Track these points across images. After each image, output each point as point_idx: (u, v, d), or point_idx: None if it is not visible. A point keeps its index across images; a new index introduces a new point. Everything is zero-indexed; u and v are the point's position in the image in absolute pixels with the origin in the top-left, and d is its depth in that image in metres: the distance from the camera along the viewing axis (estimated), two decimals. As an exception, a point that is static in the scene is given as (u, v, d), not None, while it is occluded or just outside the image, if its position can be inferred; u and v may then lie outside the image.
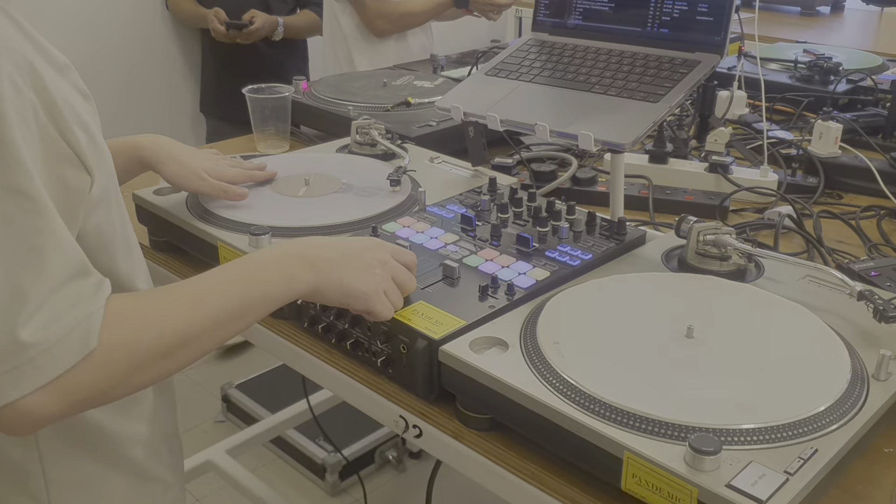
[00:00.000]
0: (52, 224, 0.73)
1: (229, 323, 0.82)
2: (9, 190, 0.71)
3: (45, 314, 0.71)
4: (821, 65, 1.99)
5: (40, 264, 0.72)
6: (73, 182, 0.79)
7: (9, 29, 0.78)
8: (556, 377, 0.80)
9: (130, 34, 3.05)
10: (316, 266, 0.87)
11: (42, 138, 0.75)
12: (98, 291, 0.76)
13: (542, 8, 1.37)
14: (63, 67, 0.85)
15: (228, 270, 0.86)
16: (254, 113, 1.68)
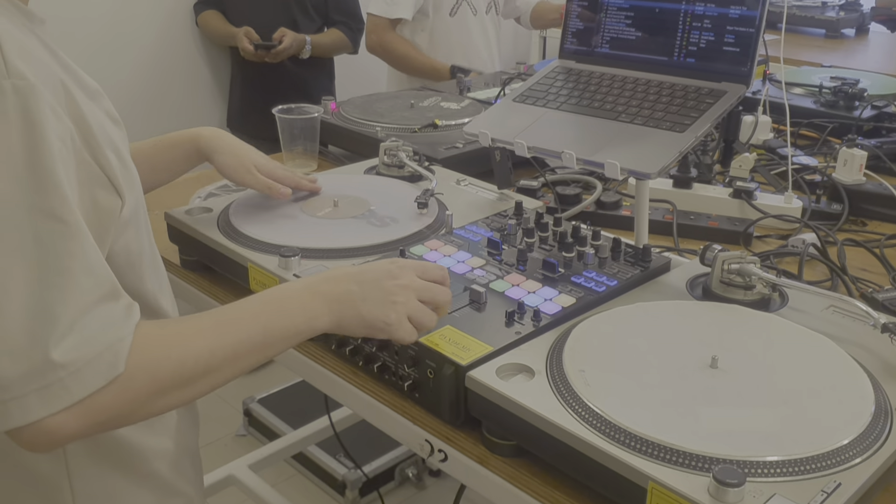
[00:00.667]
0: (84, 247, 0.76)
1: (250, 355, 0.84)
2: (44, 213, 0.73)
3: (77, 335, 0.73)
4: (846, 90, 1.99)
5: (71, 286, 0.74)
6: (105, 204, 0.82)
7: (45, 55, 0.81)
8: (582, 405, 0.81)
9: (161, 51, 3.10)
10: (336, 302, 0.88)
11: (77, 162, 0.78)
12: (129, 316, 0.78)
13: (570, 36, 1.39)
14: (95, 93, 0.88)
15: (252, 304, 0.88)
16: (283, 132, 1.71)
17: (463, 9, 2.70)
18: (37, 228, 0.73)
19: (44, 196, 0.73)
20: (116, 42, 2.96)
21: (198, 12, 3.08)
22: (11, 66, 0.73)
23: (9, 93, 0.72)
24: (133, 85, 3.03)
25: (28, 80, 0.73)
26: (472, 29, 2.72)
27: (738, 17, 1.18)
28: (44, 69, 0.77)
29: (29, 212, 0.72)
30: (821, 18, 3.28)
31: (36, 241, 0.73)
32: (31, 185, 0.72)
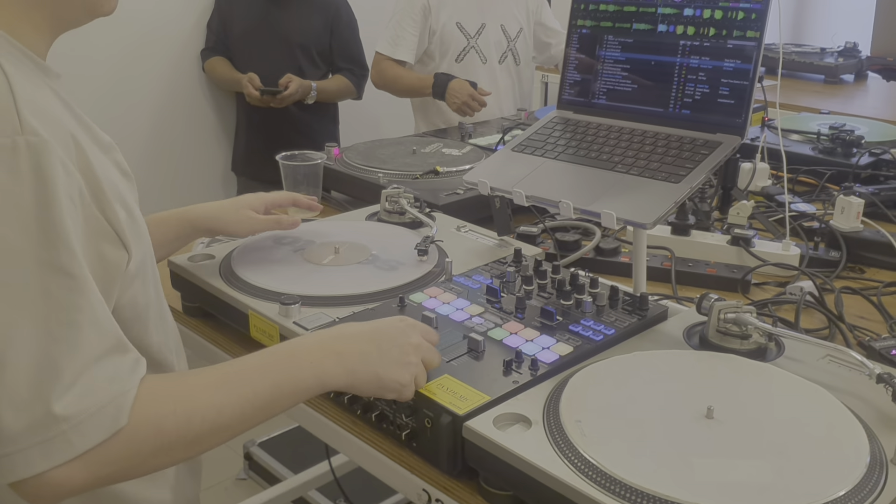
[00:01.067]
0: (91, 301, 0.77)
1: (258, 413, 0.84)
2: (52, 267, 0.74)
3: (80, 388, 0.74)
4: (843, 137, 2.02)
5: (77, 339, 0.75)
6: (111, 258, 0.83)
7: (58, 108, 0.83)
8: (578, 457, 0.82)
9: (168, 96, 3.15)
10: (350, 362, 0.89)
11: (85, 216, 0.80)
12: (134, 370, 0.78)
13: (568, 87, 1.41)
14: (107, 147, 0.90)
15: (261, 359, 0.88)
16: (286, 178, 1.73)
17: (471, 56, 2.74)
18: (45, 282, 0.74)
19: (52, 250, 0.74)
20: (124, 86, 3.01)
21: (204, 58, 3.13)
22: (25, 123, 0.74)
23: (22, 149, 0.73)
24: (140, 129, 3.07)
25: (41, 136, 0.75)
26: (480, 76, 2.73)
27: (732, 70, 1.21)
28: (56, 124, 0.79)
29: (38, 265, 0.74)
30: (820, 64, 3.32)
31: (44, 295, 0.74)
32: (40, 239, 0.74)
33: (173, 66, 3.14)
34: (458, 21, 2.69)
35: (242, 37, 3.05)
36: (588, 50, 1.38)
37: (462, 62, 2.75)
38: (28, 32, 0.83)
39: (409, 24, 2.67)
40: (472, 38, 2.71)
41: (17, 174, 0.73)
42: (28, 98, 0.77)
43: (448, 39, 2.70)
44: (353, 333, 0.93)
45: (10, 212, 0.73)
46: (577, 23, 1.39)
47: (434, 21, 2.68)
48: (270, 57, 3.00)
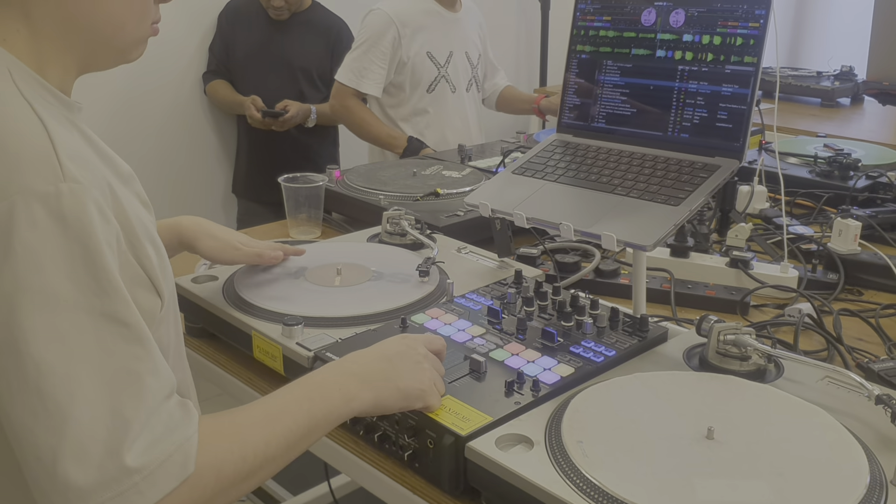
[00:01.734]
0: (148, 349, 0.77)
1: (300, 442, 0.86)
2: (106, 316, 0.74)
3: (147, 438, 0.74)
4: (840, 160, 2.03)
5: (139, 389, 0.75)
6: (145, 305, 0.83)
7: (87, 150, 0.83)
8: (580, 477, 0.82)
9: (170, 118, 3.17)
10: (372, 382, 0.91)
11: (121, 263, 0.79)
12: (189, 413, 0.78)
13: (567, 110, 1.43)
14: (128, 178, 0.90)
15: (294, 391, 0.89)
16: (288, 200, 1.74)
17: (441, 85, 2.70)
18: (101, 332, 0.74)
19: (105, 298, 0.74)
20: (127, 109, 3.03)
21: (206, 81, 3.16)
22: (66, 170, 0.74)
23: (66, 196, 0.73)
24: (142, 152, 3.09)
25: (82, 183, 0.75)
26: (450, 105, 2.71)
27: (730, 94, 1.23)
28: (91, 169, 0.79)
29: (91, 315, 0.73)
30: (816, 88, 3.35)
31: (100, 345, 0.73)
32: (92, 287, 0.73)
33: (175, 89, 3.16)
34: (429, 50, 2.64)
35: (244, 60, 3.08)
36: (587, 75, 1.40)
37: (433, 92, 2.70)
38: (57, 72, 0.85)
39: (376, 55, 2.59)
40: (442, 67, 2.67)
41: (63, 222, 0.73)
42: (65, 143, 0.77)
43: (420, 70, 2.65)
44: (365, 356, 0.96)
45: (59, 261, 0.72)
46: (577, 48, 1.41)
47: (405, 52, 2.61)
48: (272, 80, 3.02)
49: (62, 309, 0.72)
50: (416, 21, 2.63)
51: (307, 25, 3.06)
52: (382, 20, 2.60)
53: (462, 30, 2.75)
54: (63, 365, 0.72)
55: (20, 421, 0.72)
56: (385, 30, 2.58)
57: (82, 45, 0.85)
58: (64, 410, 0.71)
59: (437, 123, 2.72)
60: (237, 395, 1.23)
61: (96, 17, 0.84)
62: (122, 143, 2.97)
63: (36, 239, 0.72)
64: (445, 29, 2.69)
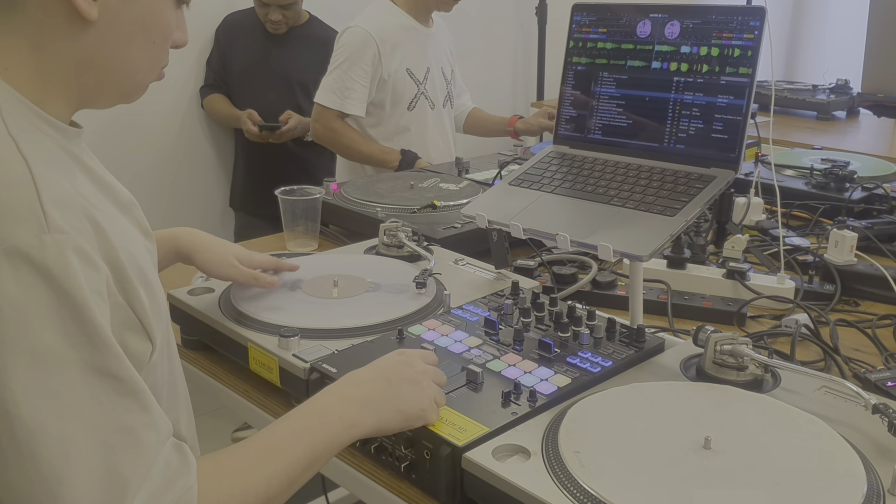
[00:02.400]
0: (142, 401, 0.75)
1: (301, 476, 0.85)
2: (98, 371, 0.72)
3: (145, 494, 0.72)
4: (836, 172, 2.04)
5: (136, 445, 0.73)
6: (135, 350, 0.81)
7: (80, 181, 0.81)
8: (578, 487, 0.82)
9: (167, 132, 3.18)
10: (372, 406, 0.91)
11: (112, 306, 0.77)
12: (186, 459, 0.77)
13: (564, 122, 1.44)
14: (128, 205, 0.89)
15: (293, 423, 0.88)
16: (285, 213, 1.74)
17: (421, 102, 2.64)
18: (93, 388, 0.72)
19: (96, 353, 0.72)
20: (123, 124, 3.04)
21: (203, 95, 3.17)
22: (51, 219, 0.72)
23: (50, 248, 0.71)
24: (139, 166, 3.10)
25: (67, 233, 0.72)
26: (429, 122, 2.66)
27: (725, 105, 1.23)
28: (77, 211, 0.76)
29: (83, 371, 0.71)
30: (812, 101, 3.36)
31: (94, 402, 0.72)
32: (81, 342, 0.72)
33: (173, 103, 3.17)
34: (408, 67, 2.57)
35: (241, 74, 3.09)
36: (583, 86, 1.40)
37: (413, 110, 2.63)
38: (57, 105, 0.83)
39: (358, 73, 2.50)
40: (421, 83, 2.61)
41: (48, 275, 0.70)
42: (50, 184, 0.74)
43: (401, 88, 2.58)
44: (364, 379, 0.95)
45: (46, 317, 0.70)
46: (573, 60, 1.42)
47: (385, 70, 2.53)
48: (269, 94, 3.03)
49: (52, 366, 0.70)
50: (394, 37, 2.55)
51: (304, 40, 3.07)
52: (361, 37, 2.50)
53: (436, 45, 2.69)
54: (56, 425, 0.70)
55: (14, 485, 0.70)
56: (364, 47, 2.50)
57: (90, 84, 0.84)
58: (58, 473, 0.69)
59: (419, 141, 2.65)
60: (233, 406, 1.22)
61: (113, 60, 0.83)
62: (119, 158, 2.98)
63: (21, 295, 0.69)
64: (422, 44, 2.63)
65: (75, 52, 0.82)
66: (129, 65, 0.85)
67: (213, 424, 1.19)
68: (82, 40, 0.81)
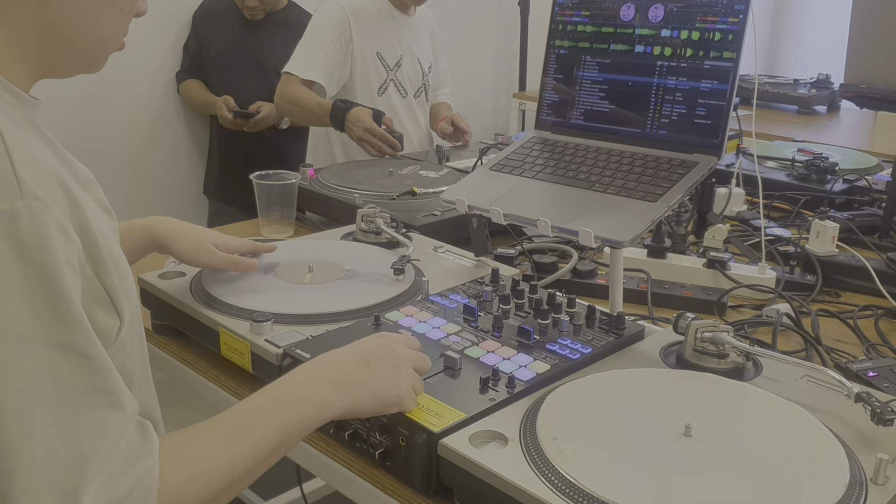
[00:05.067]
0: (108, 380, 0.72)
1: (269, 457, 0.81)
2: (65, 348, 0.69)
3: (105, 475, 0.69)
4: (817, 164, 2.03)
5: (98, 425, 0.70)
6: (103, 324, 0.78)
7: (45, 151, 0.78)
8: (556, 474, 0.80)
9: (142, 118, 3.13)
10: (347, 388, 0.87)
11: (82, 277, 0.74)
12: (149, 439, 0.74)
13: (545, 107, 1.41)
14: (87, 183, 0.85)
15: (262, 403, 0.84)
16: (260, 198, 1.71)
17: (391, 89, 2.60)
18: (58, 365, 0.69)
19: (63, 329, 0.69)
20: (97, 108, 2.99)
21: (179, 80, 3.12)
22: (24, 185, 0.69)
23: (23, 216, 0.68)
24: (113, 151, 3.04)
25: (41, 199, 0.69)
26: (400, 110, 2.62)
27: (709, 90, 1.21)
28: (50, 178, 0.73)
29: (49, 347, 0.68)
30: (793, 95, 3.37)
31: (57, 379, 0.69)
32: (49, 316, 0.69)
33: (148, 88, 3.11)
34: (378, 51, 2.55)
35: (218, 60, 3.04)
36: (566, 71, 1.38)
37: (383, 95, 2.59)
38: (20, 74, 0.80)
39: (323, 42, 2.46)
40: (392, 70, 2.58)
41: (19, 244, 0.67)
42: (22, 150, 0.71)
43: (369, 70, 2.54)
44: (342, 359, 0.92)
45: (14, 288, 0.67)
46: (555, 43, 1.39)
47: (355, 46, 2.50)
48: (246, 80, 2.99)
49: (17, 340, 0.67)
50: (368, 18, 2.52)
51: (282, 26, 3.03)
52: (333, 9, 2.48)
53: (414, 35, 2.65)
54: (16, 401, 0.67)
55: None
56: (335, 19, 2.46)
57: (54, 51, 0.81)
58: (16, 450, 0.66)
59: None
60: (203, 393, 1.19)
61: (79, 28, 0.81)
62: (92, 142, 2.93)
63: None
64: (397, 31, 2.59)
65: (41, 18, 0.78)
66: (96, 32, 0.82)
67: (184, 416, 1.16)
68: (49, 6, 0.78)
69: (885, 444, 0.89)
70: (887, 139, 2.90)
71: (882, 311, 1.43)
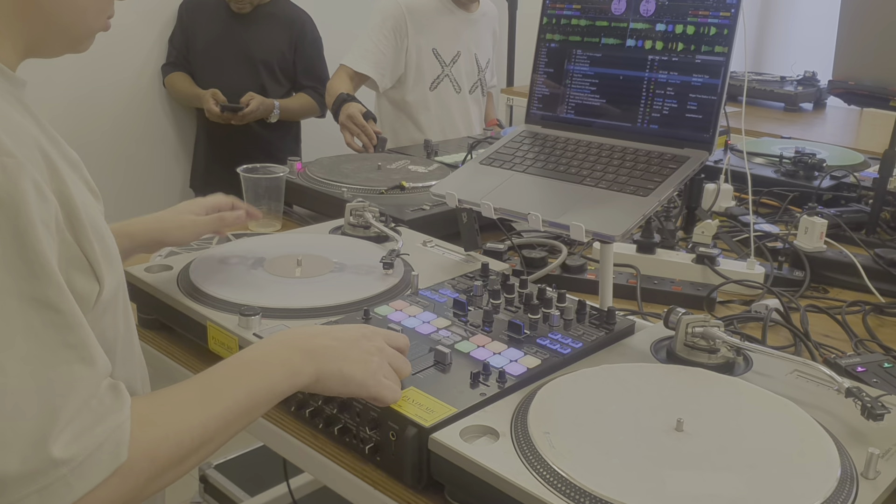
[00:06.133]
0: (80, 335, 0.72)
1: (239, 421, 0.82)
2: (38, 302, 0.70)
3: (76, 427, 0.70)
4: (805, 160, 2.04)
5: (69, 378, 0.71)
6: (81, 289, 0.78)
7: (28, 123, 0.78)
8: (547, 468, 0.80)
9: (128, 110, 3.10)
10: (316, 357, 0.87)
11: (60, 242, 0.75)
12: (120, 397, 0.74)
13: (536, 101, 1.41)
14: (74, 164, 0.85)
15: (233, 368, 0.85)
16: (247, 192, 1.70)
17: (444, 84, 2.72)
18: (29, 318, 0.69)
19: (35, 283, 0.69)
20: (83, 100, 2.96)
21: (165, 73, 3.09)
22: (1, 143, 0.69)
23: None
24: (98, 144, 3.02)
25: (16, 157, 0.70)
26: (452, 105, 2.73)
27: (700, 85, 1.21)
28: (28, 141, 0.74)
29: (20, 300, 0.69)
30: (780, 92, 3.38)
31: (28, 332, 0.69)
32: (22, 271, 0.69)
33: (134, 81, 3.09)
34: (435, 47, 2.67)
35: (204, 52, 3.02)
36: (556, 64, 1.37)
37: (436, 90, 2.72)
38: (4, 49, 0.80)
39: (377, 38, 2.61)
40: (447, 66, 2.69)
41: None
42: (1, 113, 0.72)
43: (423, 66, 2.67)
44: (316, 331, 0.92)
45: None
46: (546, 37, 1.39)
47: (410, 42, 2.63)
48: (232, 73, 2.97)
49: None
50: (426, 15, 2.64)
51: (270, 18, 3.01)
52: (390, 6, 2.62)
53: (474, 31, 2.76)
54: None
55: None
56: (389, 14, 2.60)
57: (38, 28, 0.81)
58: None
59: (439, 121, 2.74)
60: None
61: (61, 2, 0.81)
62: (77, 135, 2.90)
63: None
64: (456, 28, 2.70)
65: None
66: (77, 8, 0.82)
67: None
68: None
69: (875, 439, 0.89)
70: (873, 136, 2.91)
71: (870, 306, 1.44)
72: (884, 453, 0.85)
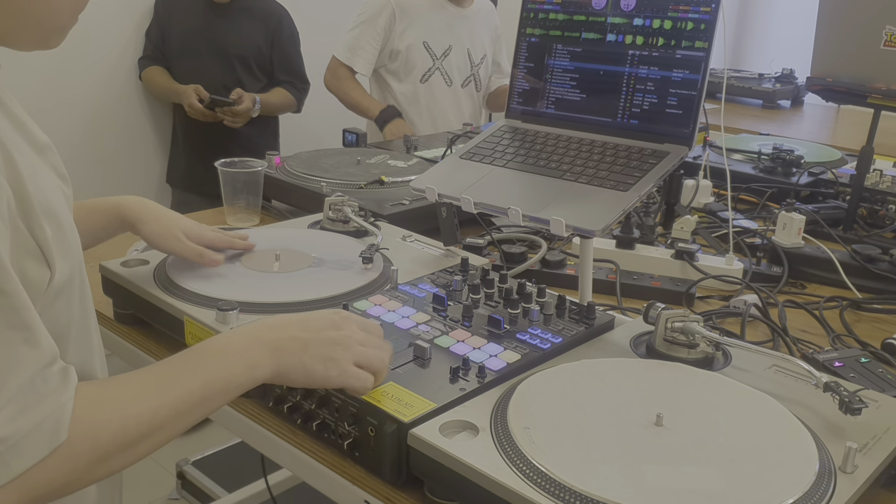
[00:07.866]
0: (25, 317, 0.72)
1: (192, 412, 0.81)
2: None
3: (15, 406, 0.69)
4: (783, 157, 2.05)
5: (11, 358, 0.70)
6: (33, 276, 0.77)
7: None
8: (527, 464, 0.79)
9: (103, 104, 3.06)
10: (278, 350, 0.86)
11: (12, 228, 0.74)
12: (66, 380, 0.74)
13: (516, 96, 1.40)
14: (43, 147, 0.84)
15: (191, 357, 0.84)
16: (225, 186, 1.68)
17: (435, 77, 2.77)
18: None
19: None
20: (58, 94, 2.92)
21: (142, 67, 3.06)
22: None
23: None
24: (73, 138, 2.98)
25: None
26: (443, 98, 2.77)
27: (680, 80, 1.21)
28: None
29: None
30: (758, 89, 3.40)
31: None
32: None
33: (110, 74, 3.05)
34: (426, 40, 2.71)
35: (180, 46, 2.99)
36: (537, 59, 1.37)
37: (426, 83, 2.76)
38: None
39: (371, 36, 2.69)
40: (438, 59, 2.74)
41: None
42: None
43: (414, 58, 2.72)
44: (283, 323, 0.90)
45: None
46: (526, 31, 1.38)
47: (398, 38, 2.70)
48: (209, 67, 2.94)
49: None
50: (417, 9, 2.70)
51: (247, 12, 2.99)
52: (381, 2, 2.69)
53: (468, 27, 2.81)
54: None
55: None
56: (381, 11, 2.68)
57: (10, 20, 0.79)
58: None
59: (429, 113, 2.79)
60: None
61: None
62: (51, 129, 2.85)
63: None
64: (448, 22, 2.75)
65: None
66: (53, 3, 0.80)
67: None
68: None
69: (853, 433, 0.89)
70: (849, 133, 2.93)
71: (847, 302, 1.45)
72: (861, 447, 0.86)
